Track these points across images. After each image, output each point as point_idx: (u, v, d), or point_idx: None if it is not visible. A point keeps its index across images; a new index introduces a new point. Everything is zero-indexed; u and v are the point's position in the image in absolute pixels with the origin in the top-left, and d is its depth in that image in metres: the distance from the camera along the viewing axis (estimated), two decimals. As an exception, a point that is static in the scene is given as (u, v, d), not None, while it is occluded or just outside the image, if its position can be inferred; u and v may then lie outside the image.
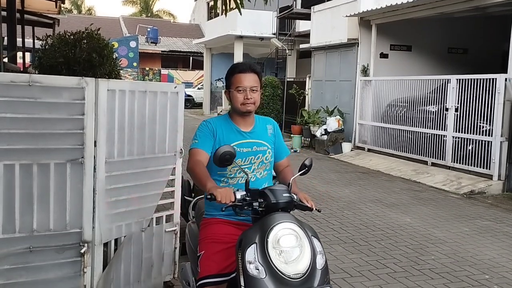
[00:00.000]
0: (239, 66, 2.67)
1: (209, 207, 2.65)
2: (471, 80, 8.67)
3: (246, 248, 2.19)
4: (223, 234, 2.54)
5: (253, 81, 2.62)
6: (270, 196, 2.32)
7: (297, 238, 2.21)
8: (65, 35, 4.72)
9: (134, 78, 16.86)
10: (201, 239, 2.59)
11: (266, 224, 2.23)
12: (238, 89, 2.62)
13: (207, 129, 2.65)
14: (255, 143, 2.67)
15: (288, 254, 2.16)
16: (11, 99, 2.85)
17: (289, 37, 18.96)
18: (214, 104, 24.84)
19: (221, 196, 2.28)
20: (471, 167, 8.69)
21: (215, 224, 2.58)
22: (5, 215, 2.89)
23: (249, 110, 2.64)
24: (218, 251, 2.47)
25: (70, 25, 11.71)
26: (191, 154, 2.59)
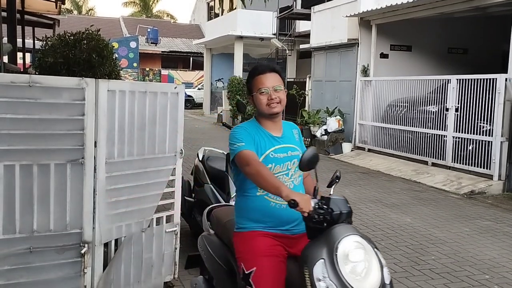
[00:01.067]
0: (258, 68, 2.57)
1: (244, 219, 2.48)
2: (471, 80, 8.66)
3: (313, 264, 2.04)
4: (269, 247, 2.37)
5: (275, 80, 2.52)
6: (333, 206, 2.15)
7: (364, 251, 2.09)
8: (65, 36, 4.72)
9: (134, 78, 16.87)
10: (246, 255, 2.38)
11: (333, 237, 2.07)
12: (261, 91, 2.51)
13: (247, 132, 2.48)
14: (289, 148, 2.55)
15: (359, 269, 2.04)
16: (11, 100, 2.85)
17: (289, 38, 18.96)
18: (214, 104, 24.84)
19: (303, 203, 2.09)
20: (472, 167, 8.69)
21: (258, 237, 2.40)
22: (6, 215, 2.90)
23: (275, 111, 2.51)
24: (272, 266, 2.31)
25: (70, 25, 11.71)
26: (244, 157, 2.36)
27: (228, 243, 2.65)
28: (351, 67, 12.54)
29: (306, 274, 2.06)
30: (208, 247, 2.81)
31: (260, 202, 2.45)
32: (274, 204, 2.45)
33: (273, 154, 2.47)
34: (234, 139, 2.47)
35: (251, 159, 2.35)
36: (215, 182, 4.70)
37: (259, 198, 2.46)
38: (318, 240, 2.11)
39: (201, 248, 2.90)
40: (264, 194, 2.45)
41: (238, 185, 2.58)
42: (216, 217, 2.89)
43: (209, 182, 4.77)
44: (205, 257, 2.84)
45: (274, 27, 19.64)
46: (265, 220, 2.43)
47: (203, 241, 2.91)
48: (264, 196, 2.44)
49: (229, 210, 2.99)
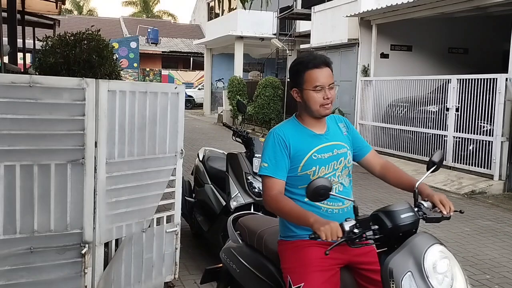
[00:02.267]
0: (313, 61, 2.25)
1: (292, 225, 2.25)
2: (471, 80, 8.66)
3: (400, 278, 1.89)
4: (320, 259, 2.14)
5: (329, 76, 2.25)
6: (386, 221, 1.97)
7: (449, 261, 1.97)
8: (65, 36, 4.73)
9: (135, 78, 16.88)
10: (294, 267, 2.19)
11: (418, 247, 1.94)
12: (317, 88, 2.22)
13: (278, 145, 2.23)
14: (335, 146, 2.31)
15: (447, 280, 1.92)
16: (12, 100, 2.85)
17: (289, 38, 18.95)
18: (215, 104, 24.85)
19: (326, 234, 1.90)
20: (472, 167, 8.68)
21: (309, 248, 2.18)
22: (6, 216, 2.90)
23: (328, 113, 2.28)
24: (323, 281, 2.12)
25: (71, 26, 11.72)
26: (265, 187, 2.22)
27: (267, 254, 2.48)
28: (351, 67, 12.53)
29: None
30: (241, 260, 2.61)
31: (310, 207, 2.20)
32: (326, 209, 2.26)
33: (316, 155, 2.25)
34: (264, 153, 2.28)
35: (269, 191, 2.20)
36: (215, 182, 4.71)
37: (308, 204, 2.19)
38: (399, 251, 1.96)
39: (231, 261, 2.70)
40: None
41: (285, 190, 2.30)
42: (247, 227, 2.69)
43: (210, 182, 4.78)
44: (237, 271, 2.63)
45: (274, 27, 19.65)
46: None
47: (232, 254, 2.70)
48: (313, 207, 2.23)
49: (260, 218, 2.87)
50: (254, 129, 16.97)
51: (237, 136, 4.56)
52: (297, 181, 2.25)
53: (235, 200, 4.08)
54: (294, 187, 2.26)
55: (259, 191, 4.05)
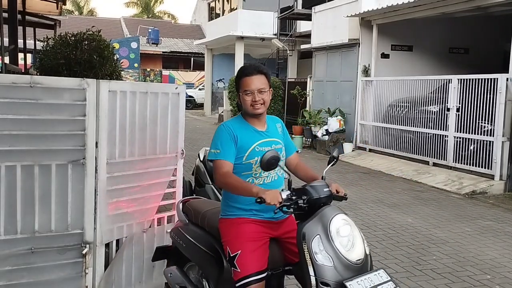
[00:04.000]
0: (245, 70, 2.71)
1: (230, 207, 2.69)
2: (472, 80, 8.65)
3: (311, 240, 2.36)
4: (255, 232, 2.60)
5: (260, 83, 2.66)
6: (312, 192, 2.46)
7: (350, 227, 2.43)
8: (66, 36, 4.73)
9: (135, 79, 16.88)
10: (232, 239, 2.61)
11: (325, 216, 2.41)
12: (246, 92, 2.66)
13: (227, 134, 2.64)
14: (273, 142, 2.74)
15: (349, 242, 2.39)
16: (13, 101, 2.86)
17: (290, 38, 18.96)
18: (215, 104, 24.85)
19: (270, 198, 2.35)
20: (473, 167, 8.68)
21: (245, 224, 2.62)
22: (7, 216, 2.90)
23: (258, 112, 2.68)
24: (255, 249, 2.55)
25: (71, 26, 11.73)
26: (216, 167, 2.61)
27: (210, 230, 2.86)
28: (352, 67, 12.53)
29: (305, 248, 2.37)
30: (188, 237, 2.98)
31: None
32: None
33: (258, 148, 2.65)
34: (214, 142, 2.67)
35: (219, 170, 2.59)
36: (216, 182, 4.70)
37: None
38: (311, 219, 2.42)
39: (179, 238, 3.06)
40: None
41: None
42: (193, 208, 3.07)
43: (210, 183, 4.78)
44: (184, 246, 3.00)
45: (275, 27, 19.66)
46: (252, 208, 2.61)
47: (180, 232, 3.07)
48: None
49: (204, 201, 3.28)
50: (255, 129, 16.96)
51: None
52: (241, 168, 2.64)
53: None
54: (238, 174, 2.63)
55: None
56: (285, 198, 2.41)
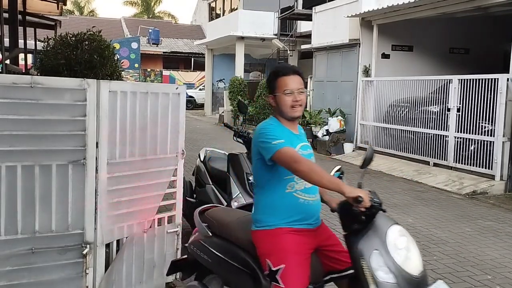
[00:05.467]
0: (282, 70, 2.58)
1: (268, 216, 2.48)
2: (473, 80, 8.65)
3: (369, 256, 2.20)
4: (298, 244, 2.42)
5: (298, 83, 2.55)
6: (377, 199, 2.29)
7: (407, 238, 2.28)
8: (67, 37, 4.73)
9: (136, 79, 16.89)
10: (274, 252, 2.40)
11: (380, 228, 2.25)
12: (286, 92, 2.50)
13: (279, 130, 2.48)
14: (307, 146, 2.63)
15: (407, 255, 2.23)
16: (13, 101, 2.86)
17: (290, 38, 18.97)
18: (216, 105, 24.85)
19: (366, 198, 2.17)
20: (473, 168, 8.67)
21: (286, 235, 2.43)
22: (7, 216, 2.90)
23: (298, 115, 2.56)
24: (300, 263, 2.38)
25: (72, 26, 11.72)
26: (289, 154, 2.34)
27: (239, 243, 2.65)
28: (352, 68, 12.53)
29: (364, 265, 2.20)
30: (214, 251, 2.75)
31: (290, 199, 2.47)
32: (303, 200, 2.49)
33: (300, 151, 2.51)
34: (268, 136, 2.42)
35: (298, 156, 2.35)
36: (216, 182, 4.71)
37: (288, 195, 2.47)
38: (366, 233, 2.24)
39: (202, 253, 2.84)
40: (292, 191, 2.48)
41: (264, 183, 2.52)
42: (216, 219, 2.85)
43: (211, 183, 4.78)
44: (210, 262, 2.78)
45: (275, 28, 19.66)
46: (294, 216, 2.46)
47: (203, 246, 2.84)
48: (293, 193, 2.47)
49: (225, 210, 3.10)
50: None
51: (238, 137, 4.56)
52: (284, 172, 2.43)
53: (236, 200, 4.08)
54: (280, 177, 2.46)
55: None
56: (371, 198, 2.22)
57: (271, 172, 2.46)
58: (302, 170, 2.30)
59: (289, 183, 2.47)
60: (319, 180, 2.28)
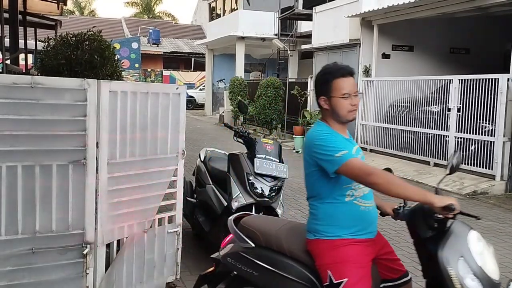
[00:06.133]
0: (340, 70, 2.44)
1: (328, 226, 2.38)
2: (473, 80, 8.65)
3: (456, 263, 2.15)
4: (361, 256, 2.34)
5: (354, 85, 2.45)
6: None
7: (483, 243, 2.27)
8: (67, 37, 4.73)
9: (136, 79, 16.88)
10: (336, 264, 2.31)
11: (460, 235, 2.22)
12: (344, 95, 2.38)
13: (337, 138, 2.38)
14: (359, 149, 2.54)
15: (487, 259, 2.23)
16: (14, 101, 2.85)
17: (290, 38, 18.97)
18: (216, 105, 24.86)
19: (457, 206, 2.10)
20: (474, 168, 8.67)
21: (348, 246, 2.34)
22: (8, 216, 2.90)
23: (353, 118, 2.45)
24: (363, 276, 2.30)
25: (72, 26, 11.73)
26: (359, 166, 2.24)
27: (291, 254, 2.51)
28: (352, 68, 12.50)
29: (452, 273, 2.14)
30: (260, 263, 2.57)
31: (350, 207, 2.39)
32: (364, 208, 2.42)
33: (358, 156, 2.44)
34: (329, 148, 2.30)
35: (369, 168, 2.24)
36: (217, 182, 4.70)
37: (349, 204, 2.39)
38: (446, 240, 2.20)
39: (243, 265, 2.65)
40: (353, 199, 2.39)
41: (323, 193, 2.41)
42: (258, 229, 2.67)
43: (211, 183, 4.78)
44: (256, 275, 2.59)
45: (275, 28, 19.67)
46: (355, 225, 2.37)
47: (244, 258, 2.64)
48: (353, 201, 2.39)
49: (265, 219, 2.98)
50: (256, 129, 16.97)
51: (239, 137, 4.56)
52: (343, 181, 2.35)
53: (236, 200, 4.08)
54: (339, 186, 2.37)
55: (260, 191, 4.05)
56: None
57: (331, 183, 2.36)
58: (380, 183, 2.18)
59: (348, 191, 2.38)
60: (401, 192, 2.18)
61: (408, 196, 2.19)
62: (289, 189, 7.56)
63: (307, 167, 2.44)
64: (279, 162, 4.22)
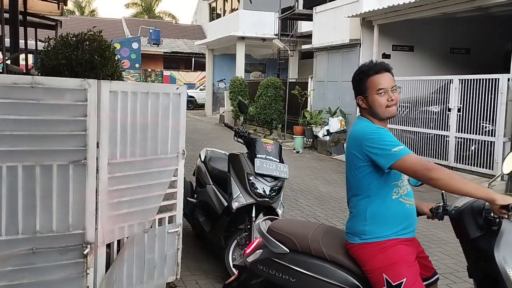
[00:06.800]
0: (373, 68, 2.43)
1: (378, 226, 2.33)
2: (473, 80, 8.65)
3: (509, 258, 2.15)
4: (411, 254, 2.34)
5: (391, 80, 2.41)
6: None
7: None
8: (67, 37, 4.73)
9: (136, 79, 16.89)
10: (391, 266, 2.27)
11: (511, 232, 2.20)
12: (379, 92, 2.36)
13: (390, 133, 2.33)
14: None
15: None
16: (14, 101, 2.86)
17: (291, 38, 18.96)
18: (217, 105, 24.86)
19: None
20: (474, 168, 8.67)
21: (397, 246, 2.31)
22: (8, 216, 2.90)
23: (394, 113, 2.40)
24: (417, 273, 2.30)
25: (73, 26, 11.74)
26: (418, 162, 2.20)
27: (332, 259, 2.44)
28: (353, 68, 12.38)
29: (511, 273, 2.13)
30: (298, 269, 2.46)
31: (398, 205, 2.36)
32: (409, 205, 2.40)
33: None
34: (384, 142, 2.26)
35: (428, 163, 2.18)
36: (217, 182, 4.70)
37: (396, 202, 2.36)
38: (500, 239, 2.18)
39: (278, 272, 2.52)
40: (399, 197, 2.36)
41: (370, 191, 2.35)
42: (291, 233, 2.56)
43: (211, 183, 4.78)
44: (293, 281, 2.47)
45: (276, 28, 19.67)
46: (402, 224, 2.35)
47: (279, 264, 2.52)
48: (399, 198, 2.37)
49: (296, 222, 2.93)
50: (256, 129, 16.97)
51: (239, 137, 4.56)
52: (392, 177, 2.33)
53: (236, 200, 4.08)
54: (388, 184, 2.33)
55: (260, 191, 4.04)
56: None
57: (381, 179, 2.32)
58: (441, 178, 2.13)
59: (395, 188, 2.34)
60: (462, 187, 2.12)
61: (470, 192, 2.13)
62: (289, 189, 7.56)
63: (354, 163, 2.36)
64: (279, 162, 4.22)
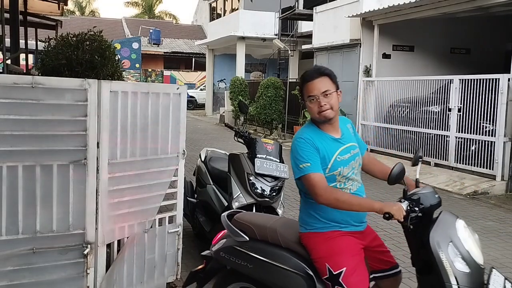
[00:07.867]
0: (307, 76, 2.53)
1: (319, 220, 2.49)
2: (474, 80, 8.65)
3: (446, 247, 2.30)
4: (354, 245, 2.48)
5: (323, 85, 2.47)
6: (426, 200, 2.39)
7: (469, 230, 2.42)
8: (68, 37, 4.74)
9: (137, 79, 16.91)
10: (332, 255, 2.42)
11: (449, 222, 2.39)
12: (310, 98, 2.49)
13: (310, 146, 2.44)
14: (351, 147, 2.58)
15: (473, 245, 2.35)
16: (14, 101, 2.86)
17: (291, 38, 18.96)
18: (217, 105, 24.87)
19: (397, 213, 2.27)
20: (474, 168, 8.67)
21: (341, 237, 2.47)
22: (8, 216, 2.90)
23: (327, 117, 2.48)
24: (358, 264, 2.44)
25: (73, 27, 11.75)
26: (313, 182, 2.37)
27: (286, 246, 2.61)
28: (353, 68, 12.53)
29: (443, 257, 2.29)
30: (257, 256, 2.64)
31: None
32: None
33: (340, 157, 2.50)
34: (299, 156, 2.44)
35: (320, 187, 2.36)
36: (217, 182, 4.71)
37: None
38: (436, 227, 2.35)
39: (237, 258, 2.72)
40: None
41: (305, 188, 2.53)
42: (252, 223, 2.75)
43: (212, 183, 4.78)
44: (250, 267, 2.66)
45: (276, 28, 19.67)
46: (345, 218, 2.49)
47: (239, 251, 2.71)
48: None
49: (256, 214, 3.11)
50: (256, 129, 16.97)
51: (239, 137, 4.56)
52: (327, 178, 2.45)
53: (237, 200, 4.08)
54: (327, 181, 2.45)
55: (261, 191, 4.05)
56: (407, 209, 2.32)
57: None
58: (328, 203, 2.37)
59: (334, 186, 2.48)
60: (349, 208, 2.36)
61: (357, 210, 2.38)
62: (289, 189, 7.55)
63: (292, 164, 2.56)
64: (279, 162, 4.22)
